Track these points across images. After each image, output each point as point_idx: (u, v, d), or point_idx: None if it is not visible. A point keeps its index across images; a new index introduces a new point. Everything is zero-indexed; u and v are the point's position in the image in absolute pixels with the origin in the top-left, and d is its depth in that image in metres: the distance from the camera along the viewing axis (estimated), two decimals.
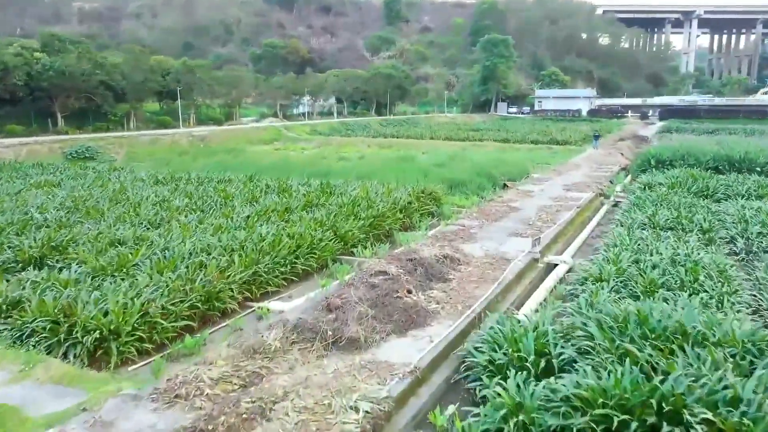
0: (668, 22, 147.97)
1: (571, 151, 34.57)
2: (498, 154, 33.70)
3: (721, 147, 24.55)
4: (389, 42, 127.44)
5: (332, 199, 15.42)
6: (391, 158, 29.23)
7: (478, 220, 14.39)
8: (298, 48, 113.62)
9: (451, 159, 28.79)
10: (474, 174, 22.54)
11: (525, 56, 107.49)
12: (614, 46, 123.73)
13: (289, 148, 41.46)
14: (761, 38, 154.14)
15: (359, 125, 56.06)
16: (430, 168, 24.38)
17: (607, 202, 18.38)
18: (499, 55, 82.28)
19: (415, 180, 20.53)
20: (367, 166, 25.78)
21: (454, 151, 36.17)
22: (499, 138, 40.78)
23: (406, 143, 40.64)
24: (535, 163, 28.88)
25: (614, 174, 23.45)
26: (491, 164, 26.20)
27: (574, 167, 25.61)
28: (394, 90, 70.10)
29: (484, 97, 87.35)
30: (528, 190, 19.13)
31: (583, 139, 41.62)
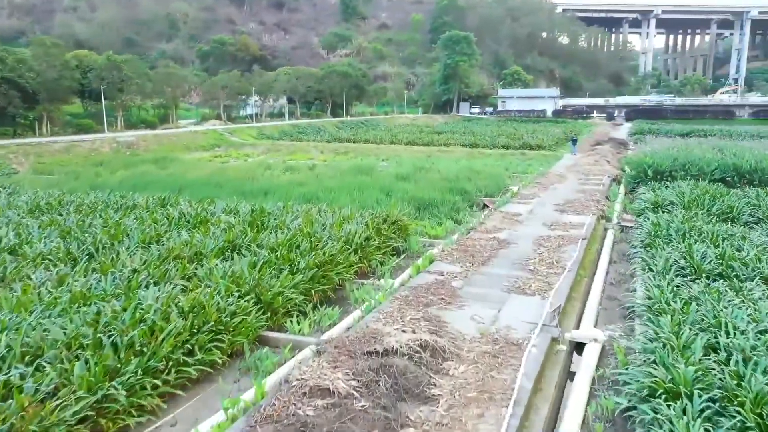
0: (626, 22, 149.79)
1: (547, 157, 31.68)
2: (468, 162, 30.46)
3: (725, 155, 21.90)
4: (345, 39, 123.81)
5: (263, 235, 11.59)
6: (346, 169, 25.52)
7: (460, 264, 10.86)
8: (248, 45, 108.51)
9: (416, 169, 25.30)
10: (445, 189, 19.09)
11: (486, 55, 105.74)
12: (575, 45, 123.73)
13: (231, 155, 37.18)
14: (715, 38, 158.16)
15: (313, 128, 52.08)
16: (392, 182, 20.79)
17: (611, 226, 15.19)
18: (460, 52, 79.73)
19: (374, 200, 16.93)
20: (317, 180, 21.99)
21: (418, 158, 32.74)
22: (467, 142, 37.65)
23: (364, 149, 37.00)
24: (511, 173, 25.74)
25: (607, 187, 20.43)
26: (463, 176, 22.87)
27: (558, 179, 22.51)
28: (350, 89, 66.40)
29: (445, 96, 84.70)
30: (514, 212, 15.75)
31: (557, 143, 38.97)
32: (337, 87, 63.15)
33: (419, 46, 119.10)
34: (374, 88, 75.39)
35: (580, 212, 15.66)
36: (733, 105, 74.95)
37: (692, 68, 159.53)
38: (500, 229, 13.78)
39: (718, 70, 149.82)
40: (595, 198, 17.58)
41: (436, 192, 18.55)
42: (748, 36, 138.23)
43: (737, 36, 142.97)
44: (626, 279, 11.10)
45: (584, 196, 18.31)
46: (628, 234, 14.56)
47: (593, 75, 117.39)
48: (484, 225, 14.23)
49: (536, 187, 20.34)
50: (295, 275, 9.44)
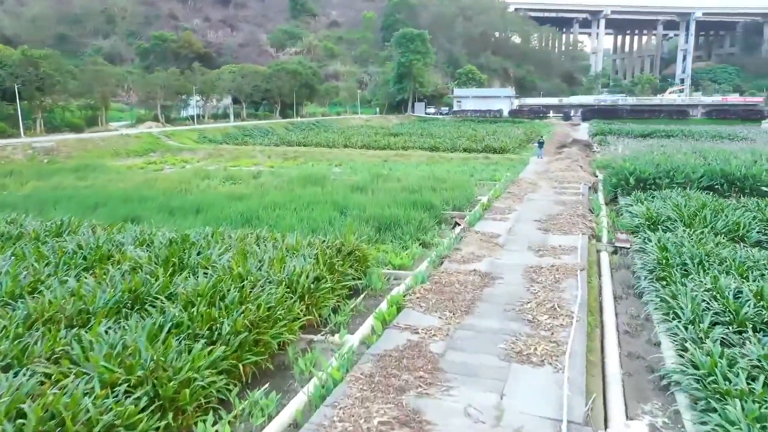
0: (576, 22, 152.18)
1: (513, 162, 29.86)
2: (429, 167, 28.27)
3: (708, 160, 20.45)
4: (295, 37, 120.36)
5: (179, 279, 8.89)
6: (295, 177, 22.81)
7: (437, 312, 8.50)
8: (191, 41, 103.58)
9: (373, 177, 22.90)
10: (408, 203, 16.74)
11: (440, 53, 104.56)
12: (528, 45, 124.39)
13: (167, 161, 33.80)
14: (662, 39, 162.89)
15: (260, 130, 48.89)
16: (346, 194, 18.29)
17: (603, 247, 13.17)
18: (414, 51, 77.91)
19: (326, 220, 14.40)
20: (261, 192, 19.24)
21: (374, 163, 30.34)
22: (426, 146, 35.51)
23: (316, 153, 34.30)
24: (477, 180, 23.67)
25: (587, 197, 18.54)
26: (426, 185, 20.62)
27: (531, 187, 20.53)
28: (300, 89, 63.40)
29: (400, 96, 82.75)
30: (492, 233, 13.52)
31: (520, 146, 37.36)
32: (286, 86, 60.03)
33: (371, 44, 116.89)
34: (326, 88, 72.53)
35: (567, 231, 13.57)
36: (687, 105, 76.10)
37: (640, 68, 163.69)
38: (479, 256, 11.49)
39: (664, 70, 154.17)
40: (578, 212, 15.57)
41: (398, 207, 16.16)
42: (694, 37, 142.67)
43: (683, 37, 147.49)
44: (642, 324, 8.99)
45: (565, 209, 16.31)
46: (625, 257, 12.57)
47: (547, 74, 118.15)
48: (459, 251, 11.92)
49: (509, 198, 18.24)
50: (216, 346, 6.82)
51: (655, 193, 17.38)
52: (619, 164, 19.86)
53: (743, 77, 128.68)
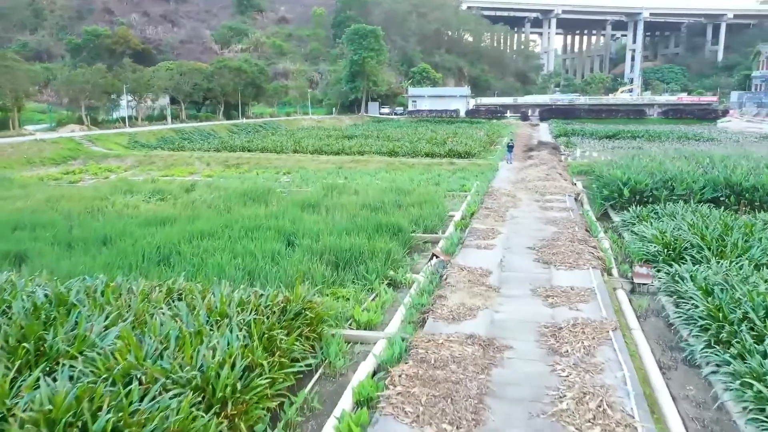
0: (528, 21, 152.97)
1: (482, 168, 27.39)
2: (389, 176, 25.44)
3: (705, 167, 18.41)
4: (241, 33, 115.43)
5: (22, 385, 5.67)
6: (234, 191, 19.50)
7: (432, 429, 5.61)
8: (127, 37, 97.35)
9: (326, 190, 19.86)
10: (371, 226, 13.85)
11: (393, 51, 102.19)
12: (482, 44, 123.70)
13: (88, 170, 29.70)
14: (611, 38, 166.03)
15: (200, 133, 44.90)
16: (295, 214, 15.21)
17: (616, 283, 10.64)
18: (367, 48, 75.04)
19: (269, 255, 11.31)
20: (190, 213, 15.90)
21: (328, 171, 27.29)
22: (384, 150, 32.67)
23: (262, 159, 30.92)
24: (446, 191, 20.99)
25: (577, 214, 16.10)
26: (389, 199, 17.77)
27: (510, 200, 17.97)
28: (246, 88, 59.43)
29: (353, 95, 79.71)
30: (480, 269, 10.76)
31: (485, 149, 35.05)
32: (230, 85, 55.98)
33: (322, 41, 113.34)
34: (274, 87, 68.62)
35: (572, 264, 10.97)
36: (644, 104, 76.29)
37: (589, 68, 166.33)
38: (472, 309, 8.70)
39: (613, 70, 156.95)
40: (577, 235, 13.03)
41: (358, 232, 13.24)
42: (641, 37, 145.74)
43: (631, 37, 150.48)
44: (716, 419, 6.39)
45: (559, 230, 13.77)
46: (647, 295, 10.08)
47: (501, 74, 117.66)
48: (445, 301, 9.09)
49: (489, 216, 15.59)
50: None
51: (656, 208, 15.07)
52: (606, 172, 17.54)
53: (689, 77, 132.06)
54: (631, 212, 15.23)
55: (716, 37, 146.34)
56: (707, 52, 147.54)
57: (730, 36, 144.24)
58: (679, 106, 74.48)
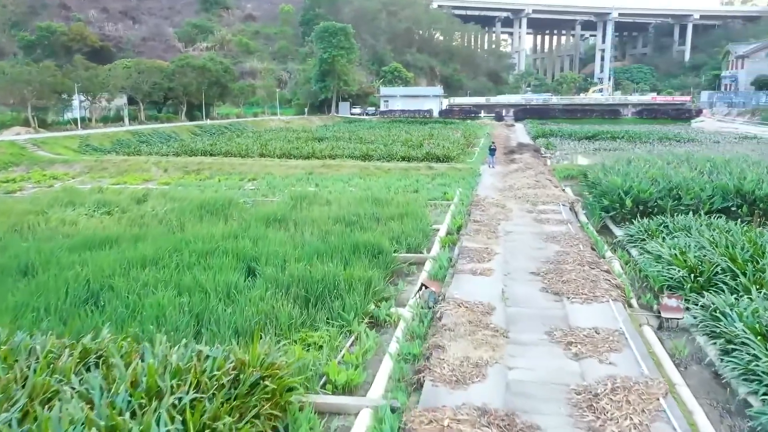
0: (498, 21, 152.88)
1: (462, 172, 25.74)
2: (364, 183, 23.58)
3: (707, 171, 17.05)
4: (206, 31, 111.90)
5: None
6: (191, 202, 17.36)
7: None
8: (84, 34, 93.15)
9: (296, 201, 17.90)
10: (347, 245, 12.00)
11: (364, 50, 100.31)
12: (454, 43, 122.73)
13: (31, 178, 27.06)
14: (580, 39, 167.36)
15: (160, 135, 42.23)
16: (259, 233, 13.23)
17: (641, 317, 9.01)
18: (338, 46, 72.92)
19: (224, 289, 9.31)
20: (138, 232, 13.75)
21: (297, 178, 25.28)
22: (357, 153, 30.75)
23: (225, 164, 28.70)
24: (427, 200, 19.23)
25: (577, 228, 14.51)
26: (365, 211, 15.96)
27: (499, 211, 16.30)
28: (210, 87, 56.74)
29: (323, 95, 77.43)
30: (480, 304, 8.98)
31: (463, 152, 33.46)
32: (193, 84, 53.21)
33: (291, 40, 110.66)
34: (240, 86, 65.84)
35: (588, 295, 9.28)
36: (618, 104, 76.05)
37: (559, 68, 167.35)
38: (479, 366, 6.91)
39: (582, 70, 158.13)
40: (585, 257, 11.39)
41: (332, 255, 11.39)
42: (610, 37, 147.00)
43: (600, 37, 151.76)
44: None
45: (561, 248, 12.14)
46: (676, 331, 8.47)
47: (473, 73, 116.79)
48: (443, 354, 7.28)
49: (480, 231, 13.87)
50: None
51: (665, 221, 13.56)
52: (604, 179, 16.00)
53: (657, 77, 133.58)
54: (636, 226, 13.67)
55: (683, 38, 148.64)
56: (674, 53, 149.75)
57: (696, 36, 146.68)
58: (653, 106, 74.46)
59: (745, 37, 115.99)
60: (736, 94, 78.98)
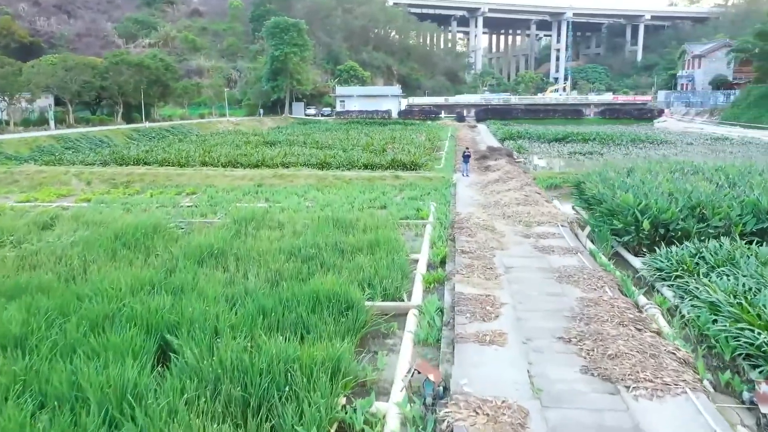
0: (454, 20, 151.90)
1: (433, 182, 22.99)
2: (323, 196, 20.49)
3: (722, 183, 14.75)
4: (149, 27, 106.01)
5: None
6: (109, 229, 13.90)
7: None
8: (10, 28, 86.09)
9: (240, 224, 14.70)
10: (304, 298, 8.99)
11: (318, 48, 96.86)
12: (411, 41, 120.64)
13: None
14: (535, 38, 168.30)
15: (90, 140, 37.87)
16: (185, 282, 10.01)
17: (726, 408, 6.34)
18: (290, 43, 69.29)
19: (111, 402, 6.08)
20: (7, 290, 10.26)
21: (244, 191, 21.97)
22: (313, 160, 27.54)
23: (161, 175, 25.05)
24: (398, 219, 16.33)
25: (587, 254, 11.89)
26: (326, 239, 13.02)
27: (490, 236, 13.52)
28: (150, 86, 52.29)
29: (275, 95, 73.56)
30: (506, 405, 6.08)
31: (430, 156, 30.75)
32: (130, 83, 48.71)
33: (240, 36, 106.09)
34: (183, 85, 61.27)
35: (653, 381, 6.54)
36: (581, 104, 75.20)
37: (515, 68, 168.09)
38: None
39: (538, 70, 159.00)
40: (617, 306, 8.70)
41: (284, 312, 8.37)
42: (565, 37, 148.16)
43: (555, 36, 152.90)
44: None
45: (584, 292, 9.47)
46: None
47: (431, 72, 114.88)
48: None
49: (473, 267, 11.05)
50: None
51: (700, 249, 11.06)
52: (624, 198, 13.44)
53: (611, 77, 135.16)
54: (663, 256, 11.15)
55: (635, 38, 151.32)
56: (627, 53, 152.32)
57: (647, 37, 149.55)
58: (615, 106, 73.96)
59: (693, 38, 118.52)
60: (693, 94, 79.50)
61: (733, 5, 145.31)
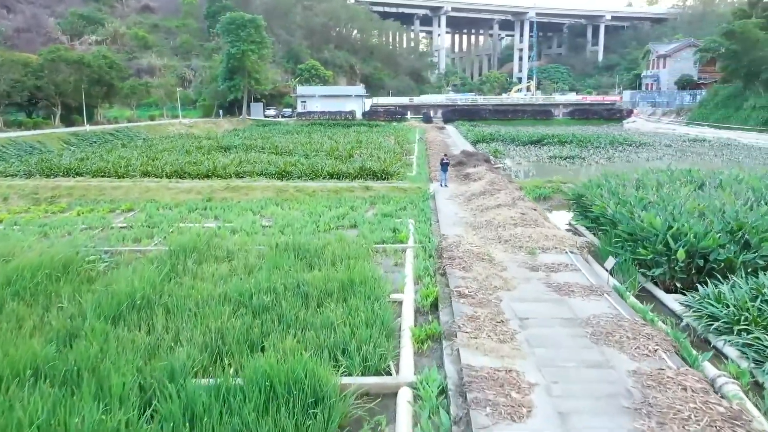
0: (417, 18, 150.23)
1: (407, 193, 20.48)
2: (283, 212, 17.69)
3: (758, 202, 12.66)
4: (96, 23, 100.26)
5: None
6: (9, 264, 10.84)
7: None
8: None
9: (179, 255, 11.87)
10: (252, 385, 6.28)
11: (278, 46, 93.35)
12: (374, 40, 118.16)
13: None
14: (498, 38, 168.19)
15: (18, 147, 33.89)
16: (81, 358, 7.17)
17: None
18: (247, 40, 65.77)
19: None
20: None
21: (190, 207, 18.97)
22: (272, 169, 24.59)
23: (93, 188, 21.74)
24: (371, 243, 13.73)
25: (615, 295, 9.53)
26: (286, 276, 10.41)
27: (488, 268, 11.04)
28: (93, 86, 48.17)
29: (232, 95, 69.81)
30: None
31: (401, 163, 28.24)
32: (69, 82, 44.64)
33: (195, 34, 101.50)
34: (130, 85, 57.03)
35: None
36: (550, 105, 73.96)
37: (478, 67, 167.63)
38: None
39: (500, 69, 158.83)
40: (695, 391, 6.32)
41: (219, 416, 5.67)
42: (528, 37, 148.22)
43: (518, 36, 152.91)
44: None
45: (635, 361, 7.12)
46: None
47: (394, 72, 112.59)
48: None
49: (476, 318, 8.55)
50: None
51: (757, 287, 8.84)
52: (649, 219, 11.16)
53: (574, 77, 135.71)
54: (711, 296, 8.89)
55: (596, 38, 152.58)
56: (588, 53, 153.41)
57: (608, 37, 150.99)
58: (584, 106, 73.04)
59: (652, 38, 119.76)
60: (659, 94, 79.43)
61: (690, 6, 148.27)
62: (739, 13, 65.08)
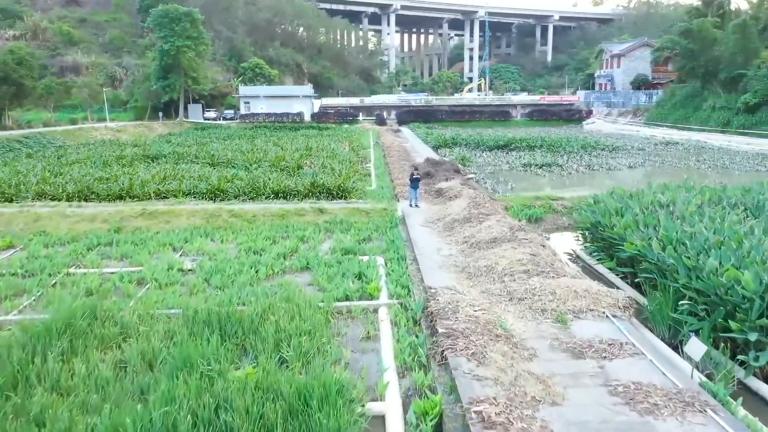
0: (365, 17, 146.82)
1: (371, 218, 16.76)
2: (212, 251, 13.63)
3: None
4: (14, 16, 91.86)
5: None
6: None
7: None
8: None
9: (41, 344, 7.74)
10: None
11: (218, 43, 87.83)
12: (322, 38, 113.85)
13: None
14: (447, 37, 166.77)
15: None
16: None
17: None
18: (183, 35, 60.45)
19: None
20: None
21: (90, 243, 14.63)
22: (203, 187, 20.30)
23: None
24: (332, 305, 9.96)
25: (731, 415, 6.09)
26: (199, 390, 6.39)
27: (511, 356, 7.47)
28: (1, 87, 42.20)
29: (167, 96, 64.14)
30: None
31: (358, 174, 24.49)
32: None
33: (127, 29, 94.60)
34: (46, 85, 50.87)
35: None
36: (508, 105, 71.70)
37: (428, 67, 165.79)
38: None
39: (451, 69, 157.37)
40: None
41: None
42: (479, 36, 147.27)
43: (468, 36, 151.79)
44: None
45: None
46: None
47: (344, 71, 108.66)
48: None
49: None
50: None
51: None
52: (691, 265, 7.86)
53: (524, 76, 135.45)
54: None
55: (545, 38, 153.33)
56: (537, 53, 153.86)
57: (556, 37, 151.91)
58: (542, 107, 71.15)
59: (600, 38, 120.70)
60: (615, 94, 78.65)
61: (634, 8, 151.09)
62: (693, 11, 64.63)
